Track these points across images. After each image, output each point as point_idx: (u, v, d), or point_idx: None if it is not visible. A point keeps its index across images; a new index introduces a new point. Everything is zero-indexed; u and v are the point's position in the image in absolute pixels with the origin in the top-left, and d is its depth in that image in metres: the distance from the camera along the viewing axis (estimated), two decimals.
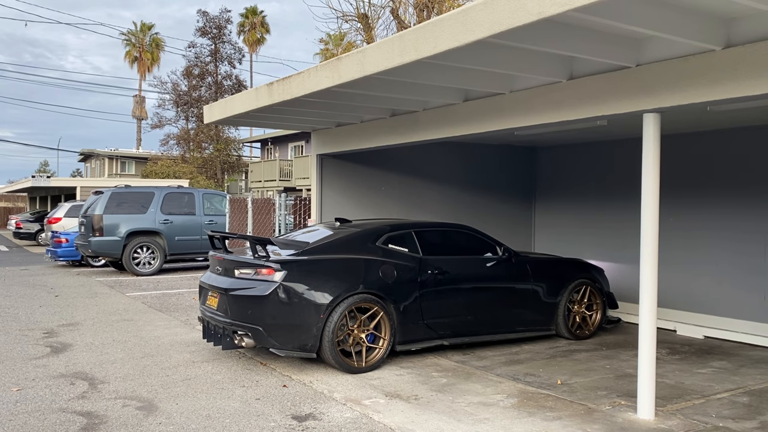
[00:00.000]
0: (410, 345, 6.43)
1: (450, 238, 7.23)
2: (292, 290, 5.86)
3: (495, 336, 7.04)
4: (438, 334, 6.60)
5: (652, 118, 4.86)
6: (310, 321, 5.82)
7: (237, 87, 39.58)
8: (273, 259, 6.00)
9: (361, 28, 22.11)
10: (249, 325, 5.88)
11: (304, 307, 5.85)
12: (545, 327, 7.42)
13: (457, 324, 6.73)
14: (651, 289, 4.90)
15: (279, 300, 5.82)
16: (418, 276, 6.48)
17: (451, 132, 6.88)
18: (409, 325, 6.37)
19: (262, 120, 9.05)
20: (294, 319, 5.84)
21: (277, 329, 5.82)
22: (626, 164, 9.16)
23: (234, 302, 6.01)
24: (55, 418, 4.77)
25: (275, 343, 5.85)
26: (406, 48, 4.79)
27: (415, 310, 6.40)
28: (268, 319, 5.81)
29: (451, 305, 6.69)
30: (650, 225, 4.87)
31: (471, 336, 6.86)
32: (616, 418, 4.88)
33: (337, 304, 5.92)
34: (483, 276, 7.00)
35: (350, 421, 4.76)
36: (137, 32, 51.17)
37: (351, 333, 6.01)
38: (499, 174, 10.59)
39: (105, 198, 14.39)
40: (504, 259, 7.17)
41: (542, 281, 7.33)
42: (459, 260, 6.91)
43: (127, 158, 47.39)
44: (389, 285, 6.25)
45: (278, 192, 18.65)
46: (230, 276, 6.25)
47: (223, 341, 6.37)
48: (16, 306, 9.98)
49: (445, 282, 6.67)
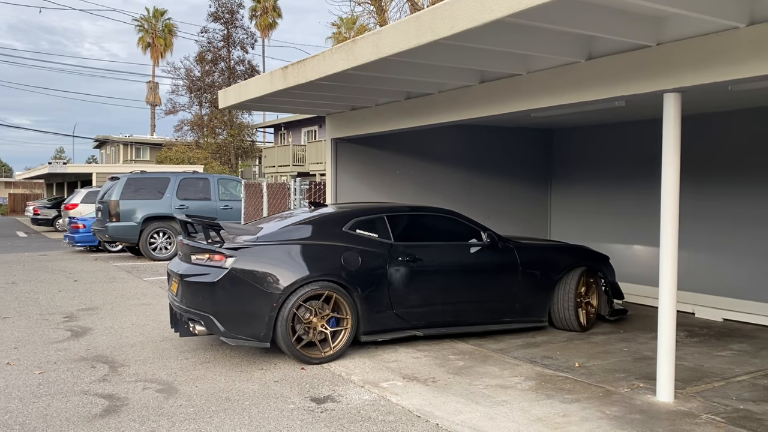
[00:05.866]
0: (377, 335, 6.11)
1: (428, 223, 6.88)
2: (242, 277, 5.60)
3: (478, 327, 6.65)
4: (411, 324, 6.26)
5: (672, 97, 4.79)
6: (262, 309, 5.58)
7: (250, 72, 39.51)
8: (226, 245, 5.77)
9: (374, 11, 21.95)
10: (200, 312, 5.68)
11: (256, 295, 5.60)
12: (536, 318, 6.95)
13: (432, 314, 6.37)
14: (670, 272, 4.85)
15: (229, 287, 5.59)
16: (386, 263, 6.12)
17: (466, 114, 6.82)
18: (376, 315, 6.04)
19: (276, 104, 9.04)
20: (245, 307, 5.61)
21: (227, 317, 5.59)
22: (645, 146, 9.06)
23: (187, 288, 5.83)
24: (78, 401, 4.84)
25: (226, 331, 5.60)
26: (423, 29, 4.74)
27: (383, 298, 6.07)
28: (218, 306, 5.59)
29: (425, 294, 6.31)
30: (670, 207, 4.81)
31: (449, 327, 6.49)
32: (635, 400, 4.86)
33: (292, 292, 5.64)
34: (462, 263, 6.58)
35: (368, 403, 4.79)
36: (150, 18, 51.16)
37: (309, 322, 5.73)
38: (514, 157, 10.51)
39: (121, 184, 14.50)
40: (487, 245, 6.70)
41: (532, 269, 6.86)
42: (435, 246, 6.53)
43: (141, 144, 47.63)
44: (353, 272, 5.91)
45: (292, 177, 18.66)
46: (188, 262, 6.05)
47: (180, 328, 6.24)
48: (36, 291, 10.11)
49: (419, 269, 6.28)
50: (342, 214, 6.41)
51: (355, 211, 6.46)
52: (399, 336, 6.25)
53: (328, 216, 6.41)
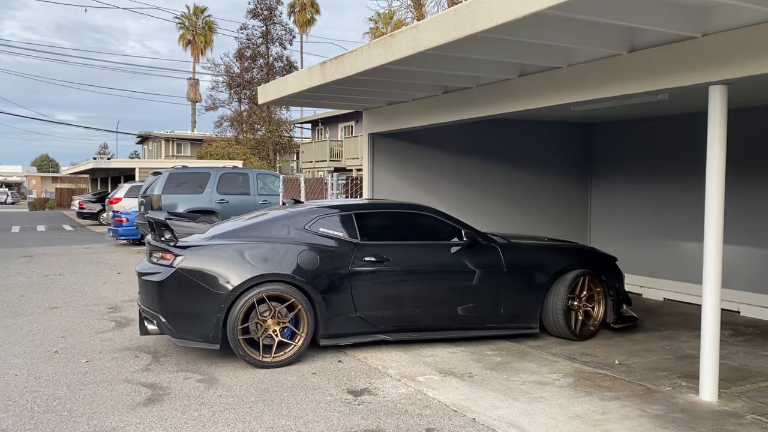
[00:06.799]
0: (339, 339, 5.84)
1: (403, 221, 6.45)
2: (189, 277, 5.46)
3: (454, 333, 6.23)
4: (378, 328, 5.93)
5: (718, 90, 4.67)
6: (209, 310, 5.42)
7: (288, 68, 39.90)
8: (178, 243, 5.65)
9: (411, 6, 21.88)
10: (152, 311, 5.64)
11: (204, 296, 5.44)
12: (524, 325, 6.40)
13: (402, 318, 6.00)
14: (715, 269, 4.74)
15: (176, 287, 5.48)
16: (349, 263, 5.82)
17: (505, 108, 6.76)
18: (338, 318, 5.76)
19: (314, 100, 9.10)
20: (192, 307, 5.48)
21: (175, 317, 5.50)
22: (689, 140, 8.84)
23: (142, 286, 5.81)
24: (122, 389, 4.97)
25: (174, 331, 5.51)
26: (461, 22, 4.72)
27: (345, 301, 5.77)
28: (166, 305, 5.50)
29: (394, 297, 5.95)
30: (715, 203, 4.70)
31: (421, 332, 6.10)
32: (677, 399, 4.77)
33: (241, 293, 5.46)
34: (437, 263, 6.16)
35: (405, 396, 4.80)
36: (190, 15, 52.01)
37: (263, 324, 5.53)
38: (553, 151, 10.37)
39: (163, 178, 14.81)
40: (466, 245, 6.25)
41: (520, 271, 6.34)
42: (407, 246, 6.15)
43: (182, 140, 48.51)
44: (310, 273, 5.64)
45: (329, 172, 18.79)
46: (148, 260, 6.00)
47: (140, 326, 6.08)
48: (81, 282, 10.41)
49: (388, 270, 5.93)
50: (306, 212, 6.11)
51: (320, 209, 6.17)
52: (365, 341, 5.95)
53: (289, 214, 6.11)
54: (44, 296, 9.12)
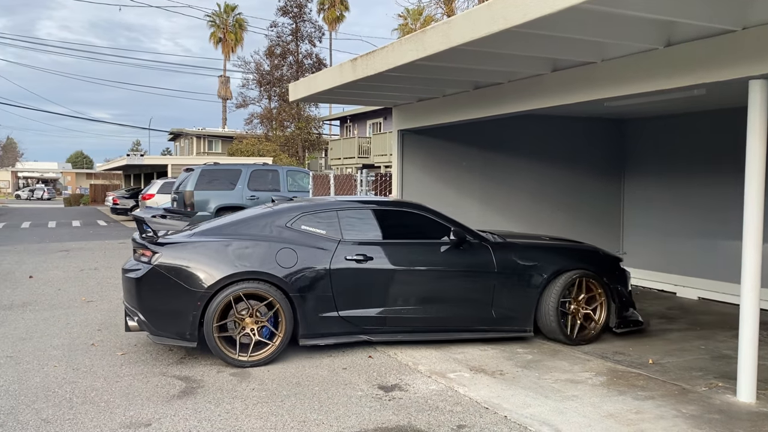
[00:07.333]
0: (319, 339, 5.72)
1: (389, 219, 6.28)
2: (166, 274, 5.44)
3: (441, 335, 6.09)
4: (360, 328, 5.81)
5: (758, 84, 4.56)
6: (186, 308, 5.39)
7: (317, 65, 40.07)
8: (158, 240, 5.66)
9: (441, 1, 21.79)
10: (131, 308, 5.65)
11: (180, 293, 5.41)
12: (518, 327, 6.18)
13: (385, 319, 5.86)
14: (754, 267, 4.64)
15: (153, 284, 5.46)
16: (330, 262, 5.73)
17: (537, 104, 6.70)
18: (318, 318, 5.66)
19: (344, 96, 9.13)
20: (168, 305, 5.46)
21: (152, 314, 5.49)
22: (727, 136, 8.65)
23: (125, 283, 5.80)
24: (157, 381, 5.06)
25: (152, 328, 5.48)
26: (495, 17, 4.68)
27: (326, 300, 5.67)
28: (144, 302, 5.50)
29: (377, 297, 5.83)
30: (755, 200, 4.60)
31: (405, 333, 5.97)
32: (713, 399, 4.69)
33: (218, 291, 5.41)
34: (422, 263, 5.99)
35: (435, 393, 4.80)
36: (221, 13, 52.57)
37: (239, 322, 5.49)
38: (585, 148, 10.24)
39: (196, 175, 14.99)
40: (455, 244, 6.07)
41: (513, 271, 6.13)
42: (391, 244, 6.00)
43: (213, 137, 49.10)
44: (289, 271, 5.56)
45: (357, 169, 18.83)
46: (134, 257, 5.95)
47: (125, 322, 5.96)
48: (115, 276, 10.60)
49: (371, 269, 5.81)
50: (288, 209, 6.05)
51: (303, 207, 6.11)
52: (346, 341, 5.84)
53: (272, 212, 6.06)
54: (80, 290, 9.32)
